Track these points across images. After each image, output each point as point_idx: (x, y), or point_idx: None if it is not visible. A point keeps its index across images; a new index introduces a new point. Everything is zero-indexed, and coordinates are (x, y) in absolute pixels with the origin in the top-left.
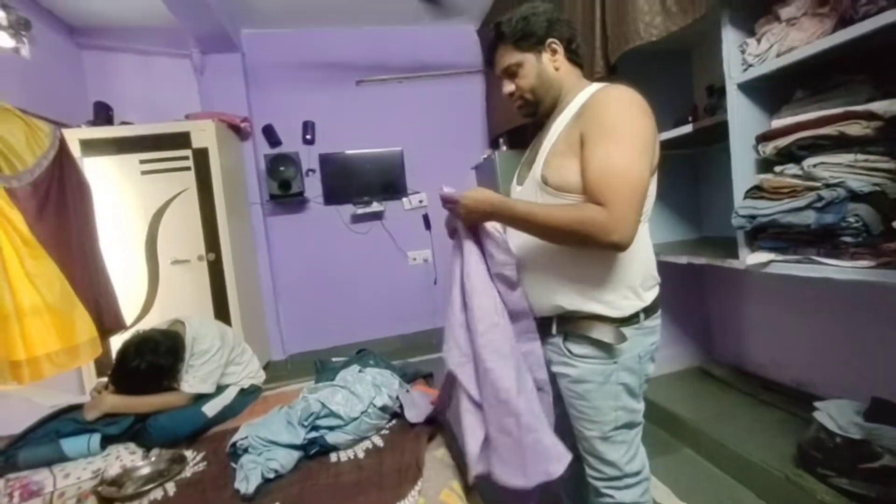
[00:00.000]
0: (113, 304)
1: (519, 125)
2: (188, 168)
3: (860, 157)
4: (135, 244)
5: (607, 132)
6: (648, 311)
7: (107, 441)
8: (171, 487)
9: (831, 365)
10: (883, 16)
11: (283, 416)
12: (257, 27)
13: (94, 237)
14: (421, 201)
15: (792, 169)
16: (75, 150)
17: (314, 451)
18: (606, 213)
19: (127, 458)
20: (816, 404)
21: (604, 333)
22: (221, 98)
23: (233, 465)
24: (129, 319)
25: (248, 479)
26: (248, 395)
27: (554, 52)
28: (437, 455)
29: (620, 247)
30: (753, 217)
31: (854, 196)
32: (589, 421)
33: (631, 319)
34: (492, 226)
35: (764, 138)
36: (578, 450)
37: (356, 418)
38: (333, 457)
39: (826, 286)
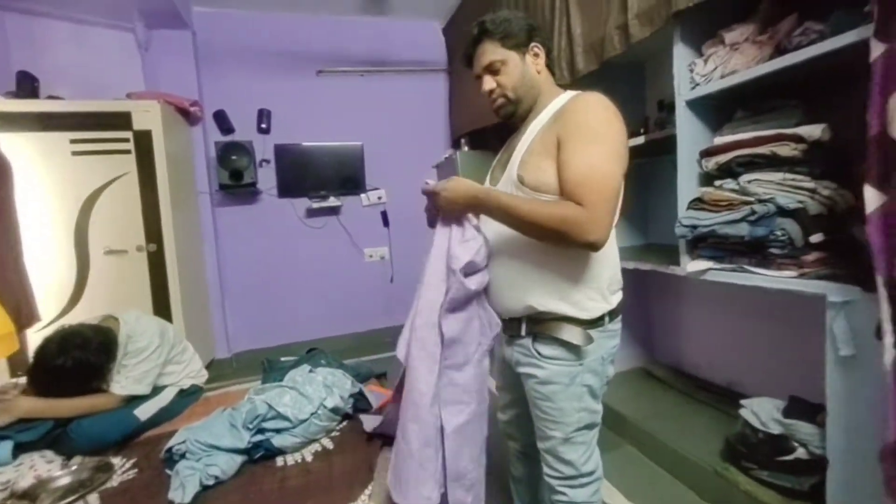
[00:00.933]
0: (29, 295)
1: (481, 127)
2: (128, 151)
3: (788, 175)
4: (61, 231)
5: (586, 136)
6: (613, 314)
7: (19, 449)
8: (94, 499)
9: (757, 366)
10: (812, 48)
11: (227, 418)
12: (211, 5)
13: (13, 221)
14: (380, 197)
15: (730, 184)
16: None
17: (259, 455)
18: (585, 212)
19: (43, 467)
20: (742, 402)
21: (572, 335)
22: (168, 78)
23: (168, 471)
24: (51, 313)
25: (184, 486)
26: (187, 397)
27: (536, 55)
28: (389, 456)
29: (595, 246)
30: (695, 227)
31: (782, 211)
32: (553, 422)
33: (597, 322)
34: (467, 222)
35: (707, 154)
36: (531, 451)
37: (305, 420)
38: (280, 461)
39: (754, 293)
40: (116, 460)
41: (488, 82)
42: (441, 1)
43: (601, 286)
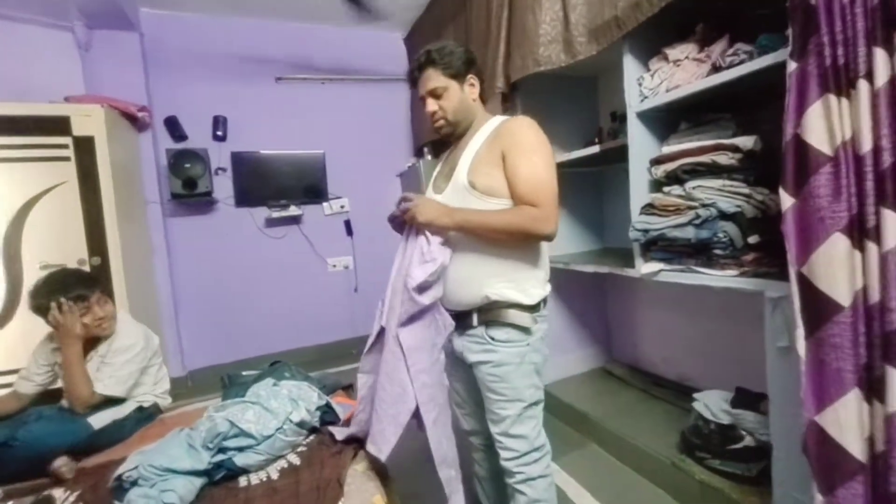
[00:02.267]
0: None
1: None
2: (67, 158)
3: (727, 182)
4: None
5: (527, 150)
6: (545, 300)
7: None
8: None
9: (706, 360)
10: (742, 66)
11: (184, 438)
12: (160, 7)
13: None
14: (343, 206)
15: (677, 190)
16: None
17: (220, 476)
18: (540, 210)
19: None
20: (695, 395)
21: (521, 318)
22: (113, 81)
23: (117, 502)
24: None
25: None
26: (144, 417)
27: (472, 85)
28: (358, 469)
29: (551, 237)
30: (647, 231)
31: (723, 215)
32: (507, 401)
33: (536, 307)
34: (433, 240)
35: (656, 162)
36: (493, 443)
37: (270, 436)
38: (243, 480)
39: (702, 292)
40: (58, 493)
41: (431, 105)
42: (402, 12)
43: (540, 277)
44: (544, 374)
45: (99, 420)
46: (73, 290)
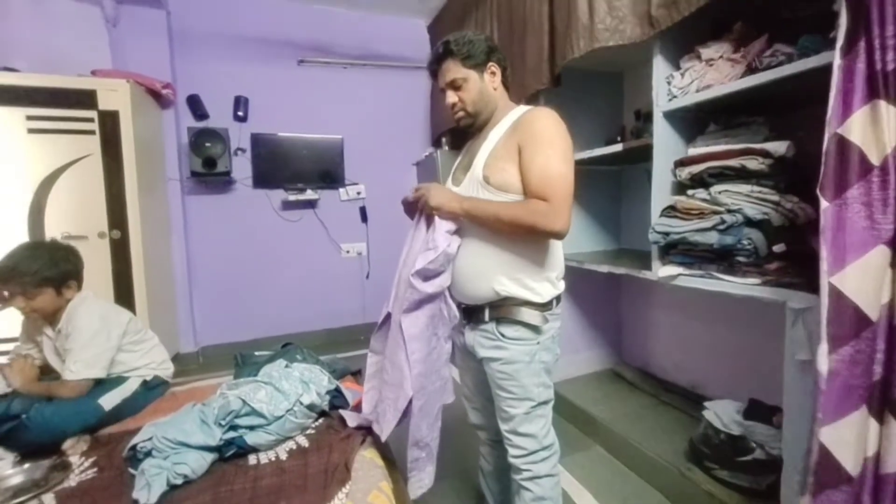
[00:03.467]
0: None
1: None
2: (92, 132)
3: (755, 188)
4: (14, 213)
5: (544, 143)
6: (558, 299)
7: None
8: (49, 499)
9: (719, 369)
10: (782, 68)
11: (197, 414)
12: None
13: None
14: (359, 193)
15: (701, 193)
16: None
17: (230, 453)
18: (550, 206)
19: None
20: (706, 404)
21: (532, 317)
22: (139, 57)
23: (131, 471)
24: None
25: (150, 486)
26: (151, 390)
27: (493, 74)
28: (365, 455)
29: (560, 235)
30: (667, 234)
31: (749, 222)
32: (516, 399)
33: (547, 305)
34: (439, 229)
35: (681, 164)
36: (500, 438)
37: (280, 417)
38: (252, 459)
39: (719, 299)
40: (74, 459)
41: (451, 97)
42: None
43: (551, 275)
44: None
45: (109, 401)
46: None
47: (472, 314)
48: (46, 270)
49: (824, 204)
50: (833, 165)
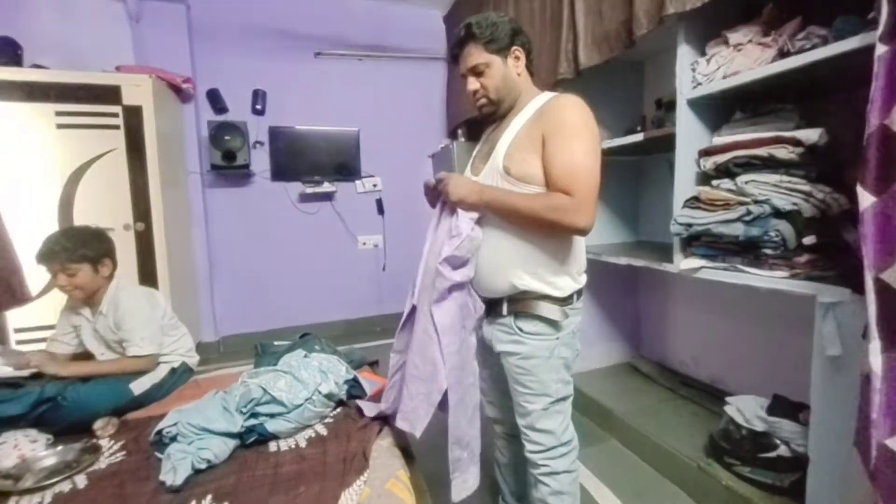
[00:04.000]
0: (18, 272)
1: (479, 117)
2: (117, 126)
3: (784, 178)
4: (44, 206)
5: (569, 133)
6: (579, 293)
7: (2, 425)
8: (81, 480)
9: (741, 364)
10: (817, 51)
11: (220, 401)
12: None
13: None
14: (375, 185)
15: (727, 184)
16: None
17: (251, 440)
18: (573, 200)
19: (27, 447)
20: (727, 399)
21: (551, 311)
22: (160, 53)
23: (157, 455)
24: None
25: (175, 469)
26: (177, 376)
27: (517, 58)
28: (383, 444)
29: (584, 230)
30: (690, 225)
31: (777, 213)
32: (534, 395)
33: (567, 300)
34: (462, 215)
35: (706, 153)
36: (516, 432)
37: (300, 405)
38: (273, 446)
39: (742, 292)
40: (104, 442)
41: (472, 83)
42: None
43: (571, 270)
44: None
45: (139, 386)
46: (41, 259)
47: (490, 307)
48: (81, 247)
49: (868, 198)
50: (877, 157)
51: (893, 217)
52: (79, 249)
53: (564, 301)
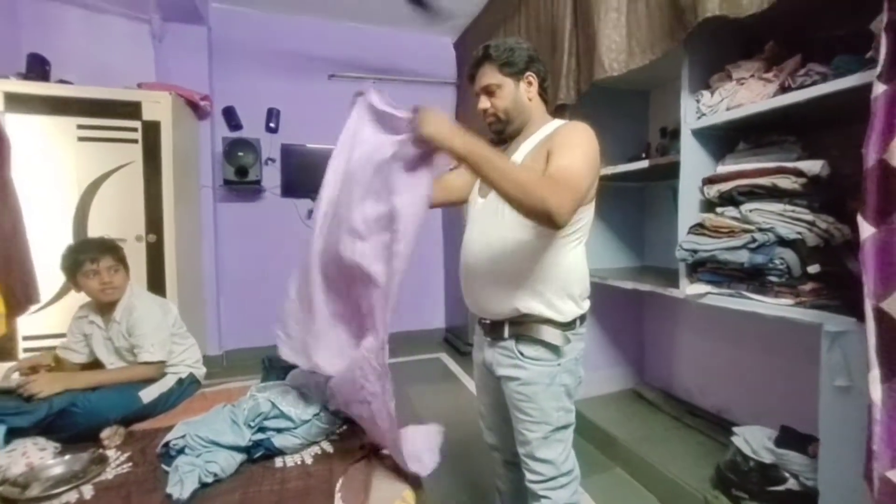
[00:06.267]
0: (30, 275)
1: (488, 139)
2: (135, 141)
3: (788, 207)
4: (61, 215)
5: (569, 147)
6: (582, 318)
7: (11, 434)
8: (87, 490)
9: (747, 393)
10: (817, 87)
11: (228, 414)
12: (228, 3)
13: (11, 202)
14: None
15: (731, 211)
16: None
17: (258, 454)
18: (553, 185)
19: (35, 455)
20: (735, 429)
21: (553, 336)
22: (180, 71)
23: (164, 467)
24: (43, 298)
25: (182, 482)
26: (184, 387)
27: (530, 84)
28: (388, 464)
29: (554, 215)
30: (695, 251)
31: (781, 241)
32: (534, 422)
33: (570, 325)
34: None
35: (709, 181)
36: (516, 459)
37: (307, 421)
38: (279, 462)
39: (749, 320)
40: (111, 453)
41: (483, 102)
42: (460, 10)
43: (574, 294)
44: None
45: (148, 394)
46: (89, 252)
47: (491, 330)
48: (121, 252)
49: (868, 228)
50: (876, 190)
51: (892, 247)
52: (120, 251)
53: (567, 326)
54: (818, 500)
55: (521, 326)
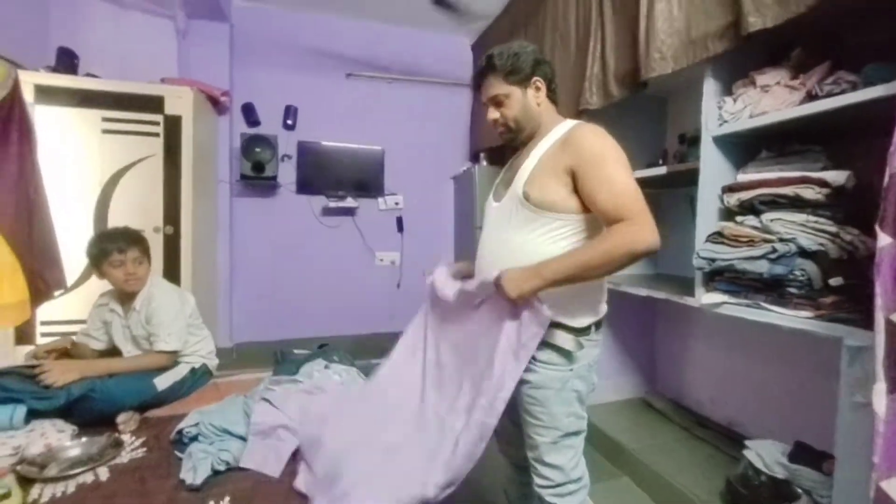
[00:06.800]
0: (56, 260)
1: (501, 144)
2: (157, 134)
3: (811, 218)
4: (82, 205)
5: (600, 162)
6: (598, 324)
7: (31, 415)
8: (103, 472)
9: (760, 407)
10: (846, 96)
11: (241, 405)
12: (251, 0)
13: (39, 190)
14: (397, 203)
15: (751, 221)
16: (28, 94)
17: None
18: (632, 225)
19: (53, 436)
20: (747, 443)
21: (565, 341)
22: (202, 67)
23: (177, 453)
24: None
25: (196, 468)
26: (197, 377)
27: (538, 89)
28: None
29: (654, 247)
30: (713, 260)
31: (803, 252)
32: (544, 427)
33: (584, 330)
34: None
35: (730, 189)
36: (525, 464)
37: None
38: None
39: (763, 331)
40: (126, 438)
41: (492, 113)
42: (473, 19)
43: (589, 298)
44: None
45: (162, 382)
46: (116, 242)
47: None
48: (146, 243)
49: (885, 238)
50: (894, 201)
51: None
52: (146, 243)
53: (581, 331)
54: None
55: None
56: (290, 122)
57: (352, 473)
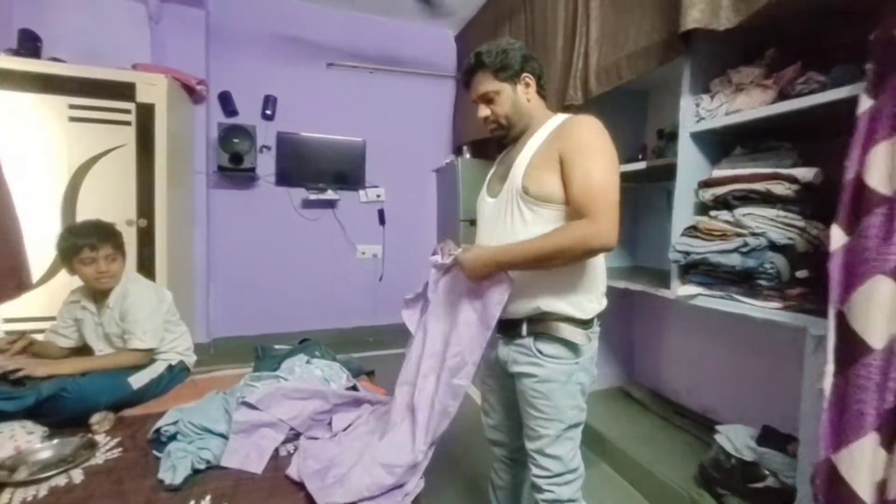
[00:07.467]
0: (18, 260)
1: (485, 137)
2: (128, 123)
3: (781, 213)
4: (49, 196)
5: (585, 152)
6: (600, 316)
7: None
8: (77, 474)
9: (733, 395)
10: (815, 96)
11: (221, 402)
12: None
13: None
14: (378, 196)
15: (725, 215)
16: None
17: None
18: (592, 223)
19: (23, 438)
20: (718, 428)
21: (573, 334)
22: (176, 54)
23: (155, 453)
24: None
25: (175, 468)
26: (174, 374)
27: (527, 85)
28: None
29: (608, 246)
30: (688, 253)
31: (773, 246)
32: (547, 419)
33: (589, 322)
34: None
35: (705, 185)
36: (517, 456)
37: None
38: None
39: (736, 322)
40: (100, 438)
41: (483, 110)
42: (462, 7)
43: (594, 290)
44: None
45: (137, 380)
46: (88, 238)
47: (508, 328)
48: (120, 238)
49: (840, 238)
50: (849, 201)
51: (857, 256)
52: (120, 238)
53: (586, 324)
54: (795, 496)
55: (540, 324)
56: (268, 112)
57: (348, 456)
